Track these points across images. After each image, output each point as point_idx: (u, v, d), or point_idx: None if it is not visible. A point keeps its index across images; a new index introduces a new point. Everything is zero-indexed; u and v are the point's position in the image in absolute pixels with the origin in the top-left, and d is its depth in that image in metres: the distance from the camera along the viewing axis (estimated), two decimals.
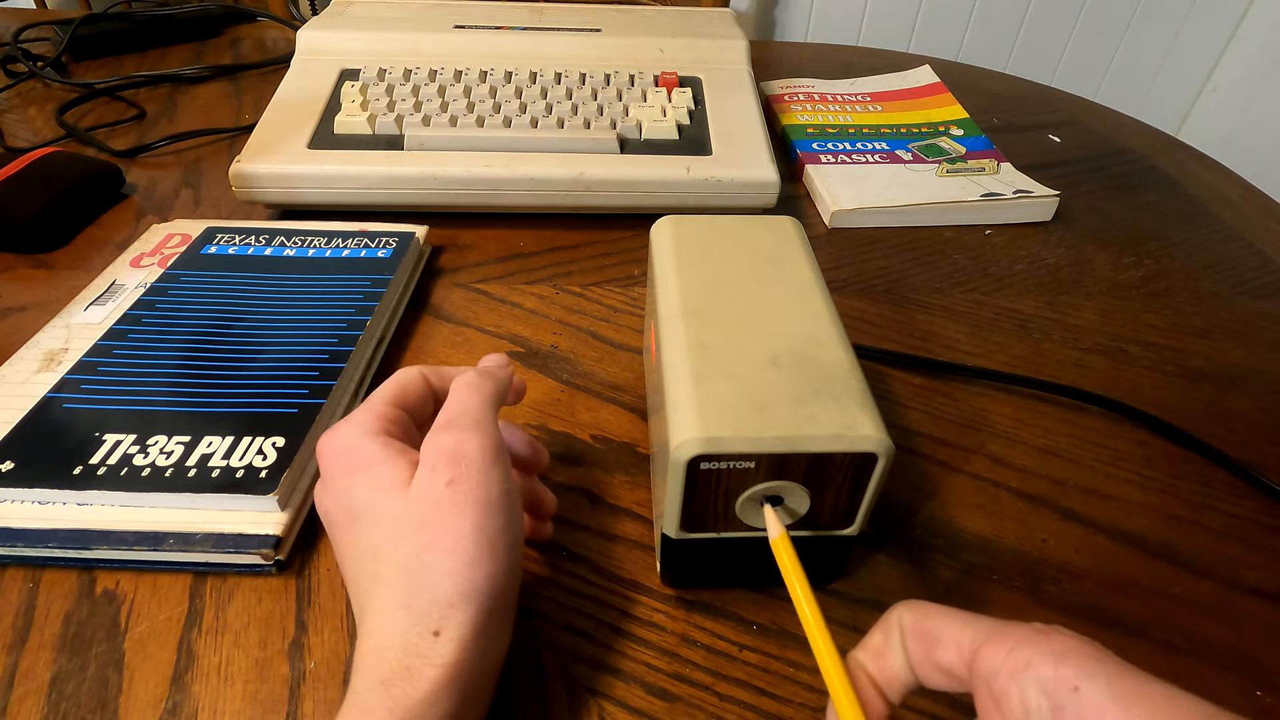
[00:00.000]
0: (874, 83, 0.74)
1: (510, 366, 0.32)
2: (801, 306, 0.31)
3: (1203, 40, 1.37)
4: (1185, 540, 0.35)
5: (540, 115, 0.55)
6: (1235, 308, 0.49)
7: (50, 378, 0.37)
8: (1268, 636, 0.31)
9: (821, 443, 0.25)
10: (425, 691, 0.22)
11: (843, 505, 0.28)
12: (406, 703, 0.22)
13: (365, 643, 0.23)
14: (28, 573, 0.31)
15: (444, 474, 0.24)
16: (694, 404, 0.26)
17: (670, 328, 0.30)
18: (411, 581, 0.24)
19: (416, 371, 0.29)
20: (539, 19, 0.65)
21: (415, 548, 0.24)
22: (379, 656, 0.23)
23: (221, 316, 0.41)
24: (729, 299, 0.31)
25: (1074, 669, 0.18)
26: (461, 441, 0.25)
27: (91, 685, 0.28)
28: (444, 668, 0.22)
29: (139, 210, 0.55)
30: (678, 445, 0.25)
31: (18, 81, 0.71)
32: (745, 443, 0.25)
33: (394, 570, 0.24)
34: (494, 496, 0.24)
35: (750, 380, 0.27)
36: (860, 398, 0.27)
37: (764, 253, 0.34)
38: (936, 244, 0.54)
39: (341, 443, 0.26)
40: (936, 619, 0.21)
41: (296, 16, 0.91)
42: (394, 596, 0.24)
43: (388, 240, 0.47)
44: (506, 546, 0.24)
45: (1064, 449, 0.39)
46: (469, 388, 0.28)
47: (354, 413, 0.27)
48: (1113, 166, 0.65)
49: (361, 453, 0.26)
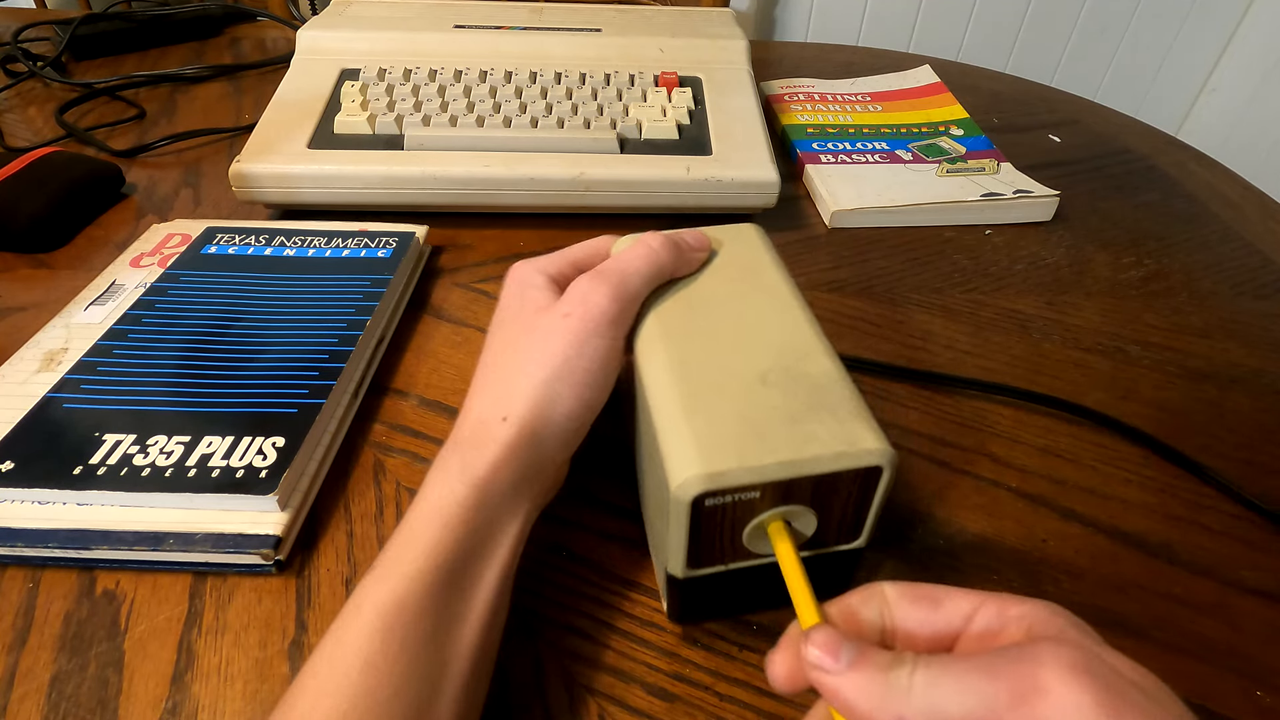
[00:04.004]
0: (874, 83, 0.74)
1: (704, 252, 0.33)
2: (781, 318, 0.30)
3: (1203, 40, 1.37)
4: (1185, 540, 0.35)
5: (540, 115, 0.55)
6: (1235, 308, 0.49)
7: (50, 378, 0.37)
8: (1268, 636, 0.31)
9: (826, 462, 0.25)
10: (488, 459, 0.27)
11: (849, 519, 0.27)
12: (475, 464, 0.27)
13: (460, 416, 0.29)
14: (28, 573, 0.31)
15: (566, 307, 0.29)
16: (689, 436, 0.25)
17: (650, 353, 0.29)
18: (503, 374, 0.29)
19: (608, 241, 0.34)
20: (539, 19, 0.65)
21: (518, 350, 0.29)
22: (460, 426, 0.29)
23: (221, 316, 0.41)
24: (706, 316, 0.30)
25: (1065, 619, 0.20)
26: (594, 289, 0.29)
27: (91, 685, 0.28)
28: (504, 445, 0.27)
29: (139, 210, 0.55)
30: (679, 484, 0.24)
31: (18, 81, 0.71)
32: (749, 473, 0.24)
33: (496, 364, 0.30)
34: (594, 343, 0.28)
35: (742, 402, 0.26)
36: (856, 409, 0.26)
37: (733, 264, 0.33)
38: (936, 244, 0.54)
39: (522, 271, 0.32)
40: (933, 588, 0.23)
41: (296, 16, 0.91)
42: (487, 384, 0.29)
43: (388, 240, 0.47)
44: (583, 383, 0.28)
45: (1064, 449, 0.39)
46: (644, 251, 0.31)
47: (545, 256, 0.33)
48: (1113, 166, 0.65)
49: (531, 280, 0.31)
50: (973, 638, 0.22)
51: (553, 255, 0.33)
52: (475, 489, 0.26)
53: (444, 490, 0.26)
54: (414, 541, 0.25)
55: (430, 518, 0.26)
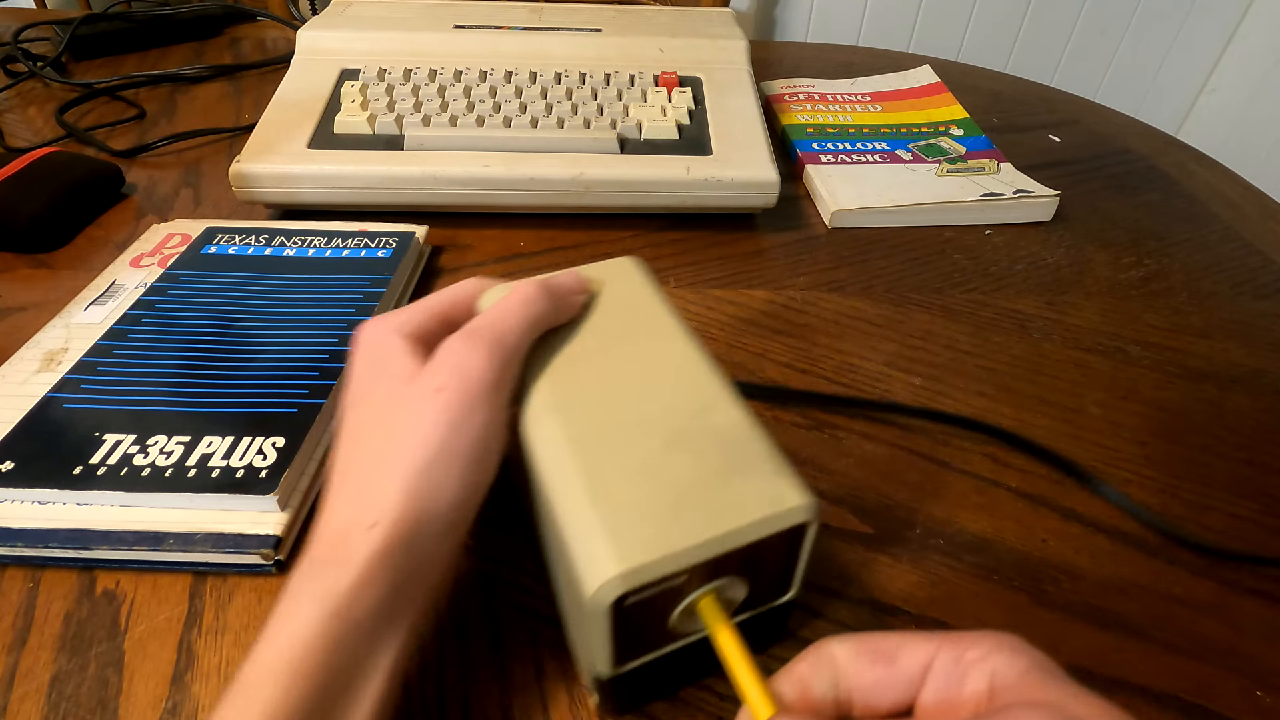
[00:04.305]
0: (874, 83, 0.74)
1: (584, 295, 0.30)
2: (676, 364, 0.28)
3: (1203, 40, 1.37)
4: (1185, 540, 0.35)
5: (540, 115, 0.55)
6: (1235, 308, 0.49)
7: (50, 378, 0.37)
8: (1268, 636, 0.31)
9: (753, 530, 0.23)
10: (351, 582, 0.22)
11: (779, 576, 0.26)
12: (334, 591, 0.22)
13: (315, 527, 0.24)
14: (28, 573, 0.31)
15: (438, 379, 0.25)
16: (599, 528, 0.22)
17: (539, 427, 0.26)
18: (368, 471, 0.24)
19: (476, 286, 0.30)
20: (539, 19, 0.65)
21: (382, 436, 0.24)
22: (317, 543, 0.23)
23: (221, 316, 0.41)
24: (595, 372, 0.27)
25: (1026, 659, 0.19)
26: (469, 354, 0.25)
27: (91, 685, 0.28)
28: (371, 560, 0.22)
29: (139, 210, 0.55)
30: (596, 589, 0.21)
31: (18, 81, 0.71)
32: (672, 560, 0.22)
33: (357, 455, 0.25)
34: (475, 417, 0.24)
35: (650, 475, 0.24)
36: (773, 460, 0.24)
37: (616, 305, 0.30)
38: (936, 244, 0.54)
39: (373, 333, 0.27)
40: (883, 639, 0.21)
41: (296, 16, 0.91)
42: (347, 482, 0.24)
43: (388, 240, 0.47)
44: (468, 467, 0.24)
45: (1064, 449, 0.39)
46: (519, 303, 0.27)
47: (401, 309, 0.28)
48: (1113, 166, 0.65)
49: (385, 345, 0.27)
50: (931, 700, 0.20)
51: (410, 309, 0.28)
52: (333, 620, 0.21)
53: (294, 626, 0.21)
54: (252, 702, 0.20)
55: (272, 667, 0.21)
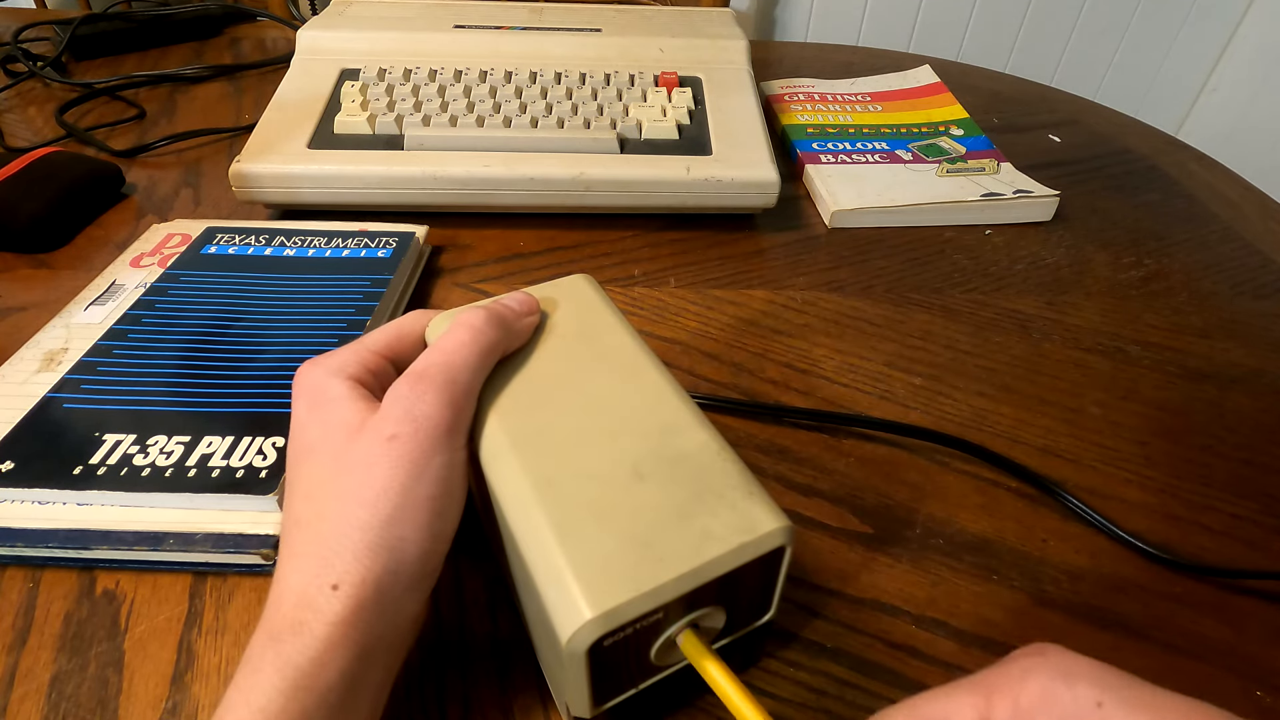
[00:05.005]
0: (874, 83, 0.74)
1: (534, 316, 0.29)
2: (636, 385, 0.27)
3: (1203, 40, 1.37)
4: (1185, 540, 0.34)
5: (540, 115, 0.55)
6: (1235, 308, 0.49)
7: (50, 378, 0.37)
8: (1268, 636, 0.31)
9: (729, 560, 0.22)
10: (315, 650, 0.20)
11: (757, 599, 0.25)
12: (297, 661, 0.20)
13: (271, 591, 0.22)
14: (28, 573, 0.31)
15: (390, 427, 0.23)
16: (569, 571, 0.21)
17: (499, 465, 0.25)
18: (325, 528, 0.22)
19: (420, 319, 0.28)
20: (539, 19, 0.65)
21: (337, 494, 0.23)
22: (276, 608, 0.22)
23: (221, 316, 0.41)
24: (553, 402, 0.26)
25: (1089, 685, 0.17)
26: (420, 397, 0.24)
27: (91, 685, 0.28)
28: (336, 625, 0.21)
29: (139, 210, 0.55)
30: (571, 635, 0.21)
31: (18, 81, 0.71)
32: (648, 599, 0.21)
33: (314, 514, 0.23)
34: (434, 464, 0.23)
35: (619, 509, 0.23)
36: (745, 484, 0.24)
37: (569, 325, 0.29)
38: (936, 244, 0.54)
39: (312, 378, 0.26)
40: (928, 703, 0.19)
41: (296, 16, 0.91)
42: (305, 542, 0.23)
43: (388, 240, 0.47)
44: (431, 515, 0.23)
45: (1064, 449, 0.39)
46: (467, 335, 0.26)
47: (340, 350, 0.26)
48: (1113, 166, 0.65)
49: (327, 392, 0.25)
50: None
51: (350, 348, 0.26)
52: (298, 693, 0.20)
53: (255, 698, 0.20)
54: None
55: None
